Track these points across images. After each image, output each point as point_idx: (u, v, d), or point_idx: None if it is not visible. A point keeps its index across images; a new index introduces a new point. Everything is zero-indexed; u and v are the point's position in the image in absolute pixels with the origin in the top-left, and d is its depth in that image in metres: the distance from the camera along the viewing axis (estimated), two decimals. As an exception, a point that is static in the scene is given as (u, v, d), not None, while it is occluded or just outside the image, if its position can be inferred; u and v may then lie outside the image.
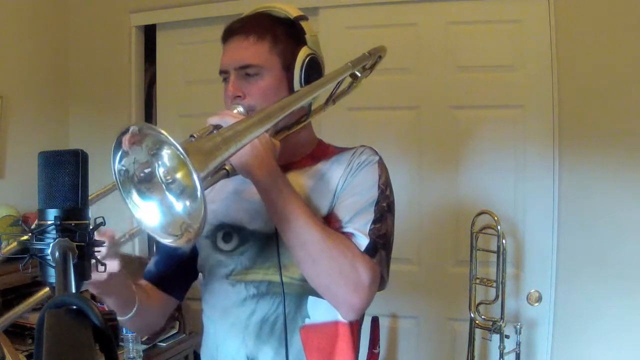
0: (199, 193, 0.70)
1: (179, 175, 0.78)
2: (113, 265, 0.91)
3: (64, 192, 0.67)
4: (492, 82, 2.30)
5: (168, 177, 0.78)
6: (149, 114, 2.87)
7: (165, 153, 0.76)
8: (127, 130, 0.73)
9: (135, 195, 0.78)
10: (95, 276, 0.87)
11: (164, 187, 0.78)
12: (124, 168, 0.76)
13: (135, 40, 2.77)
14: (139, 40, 2.80)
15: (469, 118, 2.34)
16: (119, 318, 1.04)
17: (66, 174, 0.67)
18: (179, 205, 0.78)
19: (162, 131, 0.71)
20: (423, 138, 2.38)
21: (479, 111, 2.33)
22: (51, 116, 2.78)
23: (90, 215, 0.71)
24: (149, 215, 0.78)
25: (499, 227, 2.05)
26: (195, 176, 0.69)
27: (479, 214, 2.13)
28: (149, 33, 2.83)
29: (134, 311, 1.04)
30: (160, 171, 0.78)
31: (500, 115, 2.30)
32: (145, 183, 0.78)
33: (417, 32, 2.37)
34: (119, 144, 0.75)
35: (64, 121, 2.84)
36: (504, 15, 2.29)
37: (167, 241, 0.78)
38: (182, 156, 0.69)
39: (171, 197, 0.78)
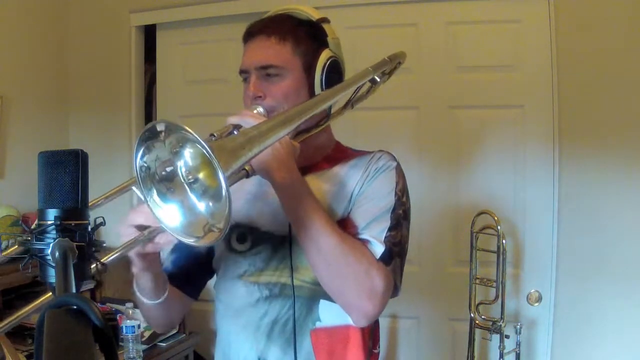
0: (224, 192, 0.70)
1: (201, 174, 0.77)
2: (167, 238, 0.91)
3: (64, 192, 0.67)
4: (492, 82, 2.30)
5: (190, 177, 0.77)
6: (149, 114, 2.87)
7: (188, 151, 0.75)
8: (152, 127, 0.73)
9: (155, 194, 0.76)
10: (151, 247, 0.90)
11: (186, 187, 0.77)
12: (145, 165, 0.75)
13: (135, 40, 2.77)
14: (139, 40, 2.80)
15: (469, 118, 2.34)
16: (149, 302, 1.05)
17: (66, 174, 0.67)
18: (202, 205, 0.77)
19: (188, 129, 0.70)
20: (423, 138, 2.38)
21: (479, 111, 2.33)
22: (51, 116, 2.78)
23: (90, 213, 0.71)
24: (170, 216, 0.77)
25: (499, 227, 2.05)
26: (221, 175, 0.68)
27: (479, 214, 2.13)
28: (149, 33, 2.83)
29: (164, 296, 1.06)
30: (183, 170, 0.77)
31: (500, 115, 2.30)
32: (167, 182, 0.77)
33: (417, 32, 2.38)
34: (142, 140, 0.74)
35: (64, 121, 2.84)
36: (504, 15, 2.29)
37: (190, 241, 0.77)
38: (208, 154, 0.68)
39: (193, 197, 0.77)
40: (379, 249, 1.03)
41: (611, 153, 2.16)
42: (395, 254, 1.05)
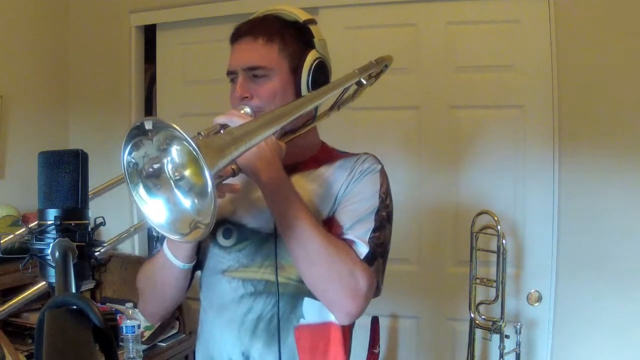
0: (209, 189, 0.70)
1: (187, 172, 0.78)
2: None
3: (64, 192, 0.67)
4: (491, 82, 2.30)
5: (176, 174, 0.78)
6: (149, 113, 2.87)
7: (176, 149, 0.77)
8: (140, 124, 0.73)
9: (142, 189, 0.78)
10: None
11: (172, 184, 0.78)
12: (133, 161, 0.76)
13: (135, 40, 2.77)
14: (139, 40, 2.80)
15: (469, 118, 2.34)
16: (180, 265, 1.06)
17: (66, 174, 0.68)
18: (187, 202, 0.78)
19: (176, 126, 0.71)
20: (423, 138, 2.38)
21: (479, 111, 2.33)
22: (51, 116, 2.78)
23: (90, 213, 0.71)
24: (155, 212, 0.78)
25: (499, 227, 2.05)
26: (207, 172, 0.69)
27: (479, 214, 2.13)
28: (149, 33, 2.83)
29: (192, 264, 1.08)
30: (169, 167, 0.78)
31: (500, 115, 2.30)
32: (153, 178, 0.78)
33: (417, 32, 2.37)
34: (130, 137, 0.75)
35: (64, 121, 2.84)
36: (504, 15, 2.29)
37: (176, 237, 0.78)
38: (194, 152, 0.69)
39: (179, 194, 0.78)
40: (363, 249, 1.05)
41: (611, 153, 2.16)
42: (378, 254, 1.07)
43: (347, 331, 1.15)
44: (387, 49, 1.37)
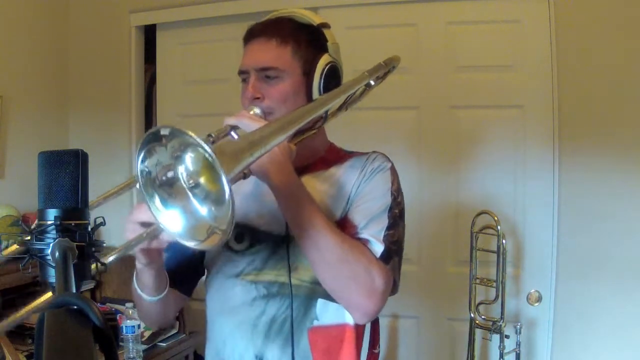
0: (227, 196, 0.70)
1: (202, 179, 0.77)
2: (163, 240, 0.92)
3: (64, 192, 0.67)
4: (491, 82, 2.30)
5: (191, 181, 0.77)
6: (149, 114, 2.87)
7: (190, 156, 0.75)
8: (156, 131, 0.72)
9: (157, 200, 0.76)
10: (155, 243, 0.90)
11: (188, 192, 0.77)
12: (146, 169, 0.75)
13: (135, 40, 2.77)
14: (139, 40, 2.80)
15: (469, 118, 2.34)
16: (148, 299, 1.06)
17: (66, 174, 0.67)
18: (204, 209, 0.77)
19: (192, 134, 0.70)
20: (423, 138, 2.38)
21: (479, 111, 2.33)
22: (51, 116, 2.78)
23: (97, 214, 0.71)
24: (173, 221, 0.77)
25: (499, 227, 2.05)
26: (224, 179, 0.68)
27: (479, 214, 2.13)
28: (149, 33, 2.83)
29: (164, 293, 1.07)
30: (184, 175, 0.77)
31: (500, 115, 2.30)
32: (167, 187, 0.77)
33: (417, 32, 2.38)
34: (144, 144, 0.73)
35: (64, 121, 2.84)
36: (504, 15, 2.29)
37: (193, 244, 0.77)
38: (210, 158, 0.69)
39: (195, 202, 0.77)
40: (378, 248, 1.05)
41: (611, 153, 2.16)
42: (393, 252, 1.07)
43: (360, 332, 1.15)
44: (387, 49, 1.38)
